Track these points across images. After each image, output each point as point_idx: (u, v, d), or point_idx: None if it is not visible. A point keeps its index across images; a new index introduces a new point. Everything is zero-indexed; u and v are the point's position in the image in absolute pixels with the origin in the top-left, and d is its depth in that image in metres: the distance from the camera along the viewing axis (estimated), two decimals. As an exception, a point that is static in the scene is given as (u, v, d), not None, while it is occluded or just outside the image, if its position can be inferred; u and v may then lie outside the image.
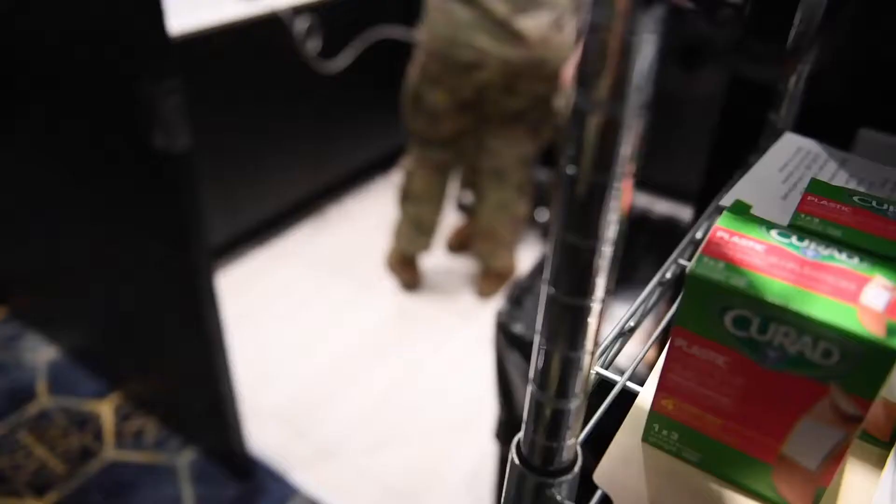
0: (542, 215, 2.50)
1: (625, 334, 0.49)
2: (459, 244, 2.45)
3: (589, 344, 0.33)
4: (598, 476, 0.38)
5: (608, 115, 0.27)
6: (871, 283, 0.33)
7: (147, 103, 1.19)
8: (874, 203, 0.41)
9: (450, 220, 2.56)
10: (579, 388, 0.34)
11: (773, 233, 0.36)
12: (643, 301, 0.52)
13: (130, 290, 1.63)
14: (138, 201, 1.40)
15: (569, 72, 2.07)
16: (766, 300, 0.32)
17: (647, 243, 1.57)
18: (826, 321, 0.31)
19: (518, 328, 1.15)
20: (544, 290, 0.32)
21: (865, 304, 0.32)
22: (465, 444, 1.78)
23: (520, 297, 1.24)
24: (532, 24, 1.85)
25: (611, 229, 0.29)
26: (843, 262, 0.34)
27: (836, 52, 0.75)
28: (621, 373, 0.46)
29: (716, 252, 0.35)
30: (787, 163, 0.56)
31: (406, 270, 2.28)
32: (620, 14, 0.25)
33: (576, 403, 0.35)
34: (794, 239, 0.36)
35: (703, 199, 0.83)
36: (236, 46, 2.07)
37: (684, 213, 1.58)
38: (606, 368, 0.47)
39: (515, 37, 1.83)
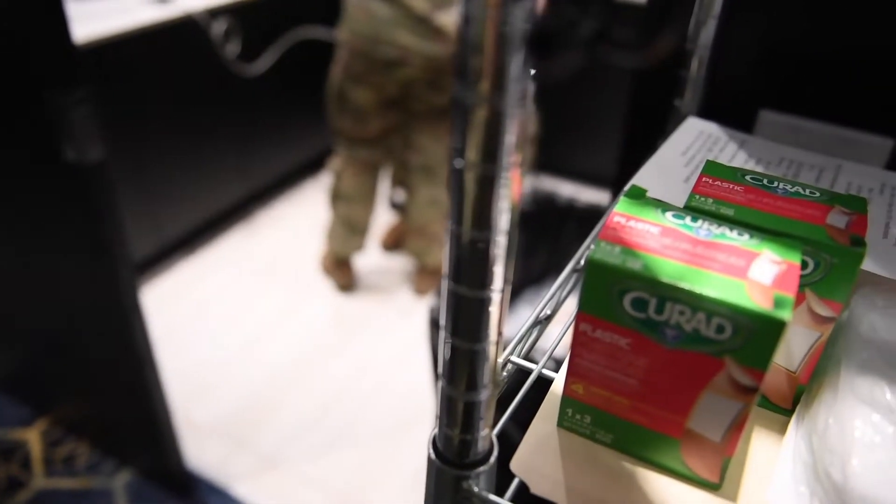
0: (475, 209, 2.52)
1: (541, 322, 0.50)
2: (393, 243, 2.45)
3: (493, 334, 0.33)
4: (515, 464, 0.39)
5: (490, 107, 0.27)
6: (759, 258, 0.34)
7: (55, 114, 1.14)
8: (765, 181, 0.42)
9: (382, 219, 2.55)
10: (487, 379, 0.34)
11: (668, 215, 0.37)
12: (558, 289, 0.53)
13: (52, 310, 1.56)
14: (54, 217, 1.34)
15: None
16: (660, 281, 0.33)
17: (575, 231, 1.59)
18: (716, 298, 0.32)
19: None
20: (444, 284, 0.32)
21: (754, 278, 0.33)
22: (410, 443, 1.78)
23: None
24: (453, 19, 1.85)
25: (503, 219, 0.29)
26: (734, 239, 0.36)
27: (736, 38, 0.77)
28: (555, 362, 0.47)
29: (613, 237, 0.35)
30: (690, 146, 0.57)
31: (341, 272, 2.26)
32: (493, 5, 0.25)
33: (486, 395, 0.35)
34: (688, 220, 0.37)
35: (619, 185, 0.85)
36: (152, 52, 2.00)
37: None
38: (525, 357, 0.48)
39: (437, 32, 1.83)
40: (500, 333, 0.33)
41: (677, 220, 0.37)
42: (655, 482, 0.38)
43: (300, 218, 2.67)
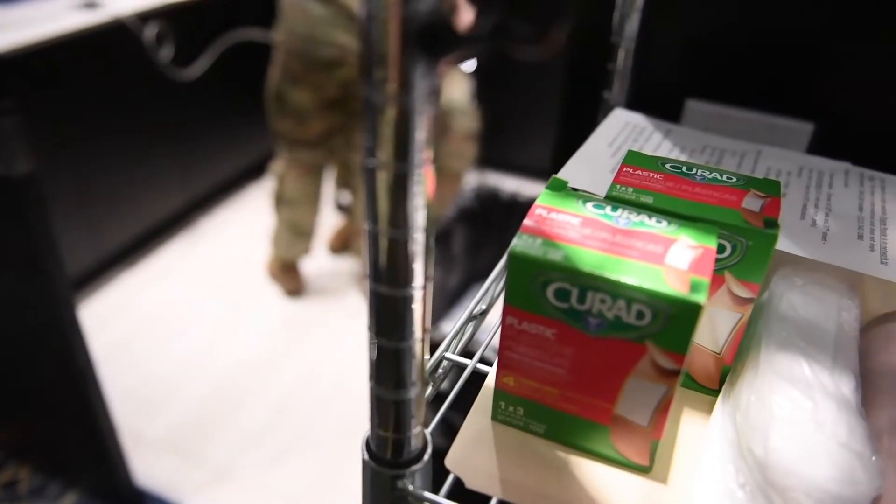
0: (422, 208, 2.52)
1: (475, 318, 0.50)
2: (341, 244, 2.43)
3: (418, 332, 0.33)
4: (450, 460, 0.39)
5: (399, 106, 0.27)
6: (676, 244, 0.35)
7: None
8: (684, 169, 0.43)
9: (328, 221, 2.53)
10: (416, 376, 0.34)
11: (589, 205, 0.38)
12: (492, 283, 0.53)
13: (-16, 330, 1.50)
14: (-19, 233, 1.29)
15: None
16: (580, 271, 0.33)
17: (518, 225, 1.60)
18: (635, 285, 0.33)
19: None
20: (366, 284, 0.32)
21: (671, 264, 0.34)
22: (364, 445, 1.77)
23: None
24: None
25: (419, 216, 0.29)
26: (653, 226, 0.36)
27: (660, 30, 0.79)
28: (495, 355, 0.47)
29: (534, 229, 0.36)
30: (616, 138, 0.58)
31: (288, 277, 2.23)
32: (395, 2, 0.25)
33: (415, 393, 0.35)
34: (608, 209, 0.37)
35: (555, 178, 0.86)
36: (82, 59, 1.94)
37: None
38: (463, 352, 0.48)
39: (374, 32, 1.82)
40: (425, 330, 0.33)
41: (598, 211, 0.37)
42: (588, 469, 0.39)
43: (244, 224, 2.63)
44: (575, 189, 0.49)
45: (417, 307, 0.32)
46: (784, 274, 0.46)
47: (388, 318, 0.32)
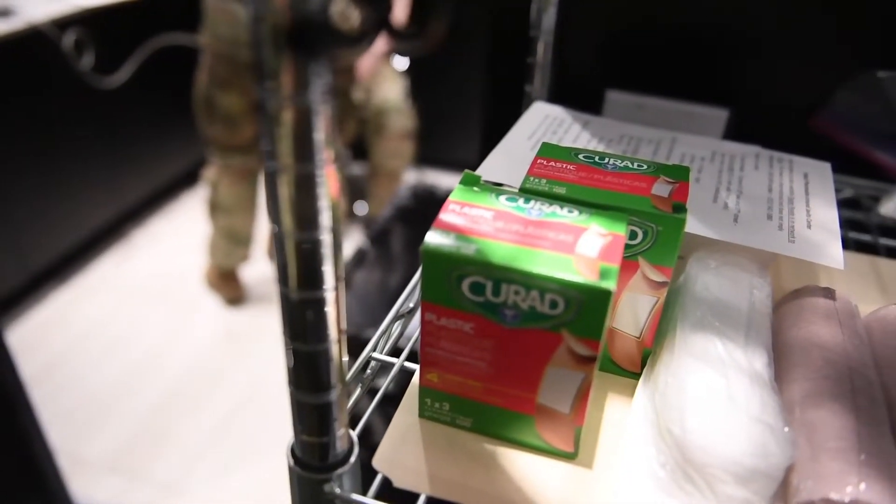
0: (361, 209, 2.50)
1: (403, 316, 0.50)
2: (281, 250, 2.39)
3: (333, 333, 0.33)
4: (378, 460, 0.39)
5: (295, 105, 0.27)
6: (586, 232, 0.36)
7: None
8: (596, 158, 0.44)
9: (266, 226, 2.49)
10: (335, 379, 0.34)
11: (502, 199, 0.38)
12: (419, 281, 0.53)
13: None
14: None
15: (365, 63, 2.07)
16: (492, 264, 0.34)
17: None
18: (546, 275, 0.33)
19: (338, 325, 1.14)
20: (277, 289, 0.31)
21: (581, 252, 0.34)
22: (313, 451, 1.75)
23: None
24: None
25: (325, 217, 0.29)
26: (564, 217, 0.37)
27: (578, 22, 0.80)
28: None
29: (447, 224, 0.36)
30: (535, 131, 0.59)
31: (228, 285, 2.19)
32: (282, 2, 0.25)
33: (335, 395, 0.35)
34: (520, 202, 0.38)
35: (484, 173, 0.86)
36: (-6, 70, 1.86)
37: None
38: (392, 352, 0.48)
39: (302, 33, 1.80)
40: (341, 332, 0.33)
41: (510, 203, 0.38)
42: (515, 459, 0.39)
43: (179, 233, 2.56)
44: (496, 183, 0.50)
45: (331, 309, 0.32)
46: (699, 257, 0.47)
47: (302, 322, 0.32)
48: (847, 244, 0.66)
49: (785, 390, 0.42)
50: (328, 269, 0.30)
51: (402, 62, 2.39)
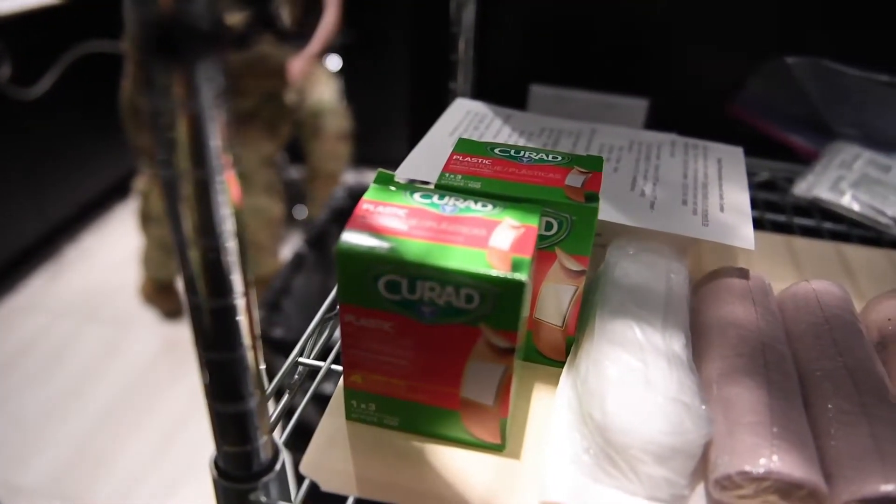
0: (301, 213, 2.47)
1: (329, 319, 0.50)
2: (220, 258, 2.34)
3: (247, 341, 0.32)
4: (305, 465, 0.38)
5: (187, 111, 0.26)
6: (500, 226, 0.36)
7: None
8: (512, 152, 0.44)
9: (205, 235, 2.43)
10: (253, 386, 0.33)
11: (417, 196, 0.38)
12: (345, 282, 0.53)
13: None
14: None
15: (296, 65, 2.05)
16: (406, 261, 0.34)
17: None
18: (459, 269, 0.33)
19: (278, 333, 1.13)
20: (186, 299, 0.31)
21: (494, 246, 0.35)
22: (262, 461, 1.72)
23: (276, 301, 1.21)
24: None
25: (228, 224, 0.29)
26: (478, 211, 0.37)
27: (499, 18, 0.81)
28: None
29: (361, 224, 0.36)
30: (457, 127, 0.59)
31: (164, 298, 2.13)
32: (166, 4, 0.24)
33: (254, 403, 0.34)
34: (435, 198, 0.38)
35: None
36: None
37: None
38: (318, 355, 0.48)
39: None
40: (255, 338, 0.32)
41: (424, 200, 0.38)
42: (444, 455, 0.39)
43: (112, 247, 2.49)
44: (419, 181, 0.50)
45: (242, 316, 0.31)
46: (618, 244, 0.48)
47: (213, 331, 0.31)
48: (763, 225, 0.68)
49: (703, 369, 0.43)
50: (236, 276, 0.30)
51: (334, 63, 2.37)
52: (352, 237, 0.35)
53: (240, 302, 0.31)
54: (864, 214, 0.65)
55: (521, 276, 0.33)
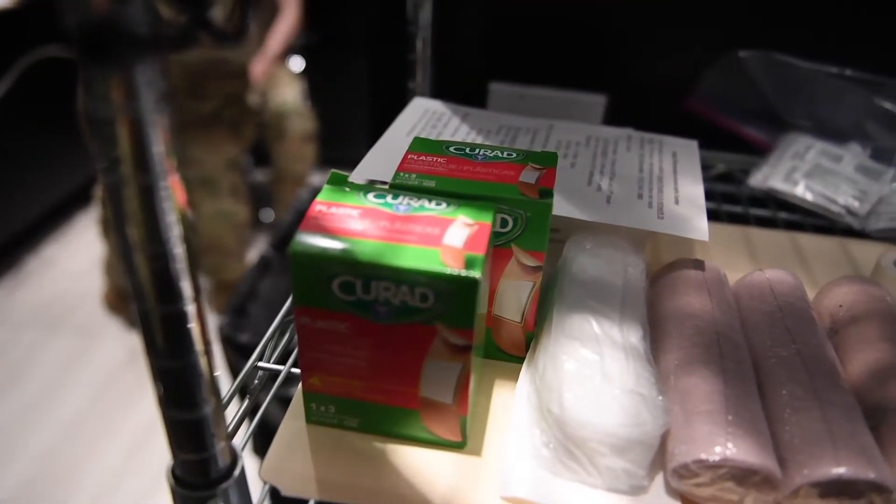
0: (267, 216, 2.45)
1: (289, 322, 0.49)
2: (186, 264, 2.31)
3: (199, 346, 0.32)
4: (265, 470, 0.38)
5: (128, 116, 0.26)
6: (454, 224, 0.36)
7: None
8: (467, 150, 0.45)
9: (170, 241, 2.40)
10: (207, 392, 0.33)
11: (370, 196, 0.38)
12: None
13: None
14: None
15: (258, 67, 2.03)
16: (360, 262, 0.34)
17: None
18: (413, 268, 0.33)
19: (245, 338, 1.11)
20: (136, 307, 0.30)
21: (447, 244, 0.35)
22: (234, 467, 1.70)
23: (242, 306, 1.20)
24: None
25: (174, 231, 0.28)
26: (432, 210, 0.37)
27: (458, 16, 0.81)
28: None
29: (314, 226, 0.35)
30: (415, 126, 0.59)
31: (129, 306, 2.10)
32: (100, 4, 0.24)
33: (209, 409, 0.34)
34: (388, 198, 0.38)
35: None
36: None
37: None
38: (278, 359, 0.47)
39: (188, 39, 1.74)
40: (207, 344, 0.32)
41: (378, 200, 0.38)
42: (405, 454, 0.39)
43: (74, 256, 2.44)
44: (374, 181, 0.50)
45: (192, 322, 0.31)
46: (575, 239, 0.49)
47: (163, 339, 0.31)
48: (720, 216, 0.69)
49: (661, 360, 0.44)
50: (185, 282, 0.30)
51: (297, 64, 2.36)
52: (305, 239, 0.34)
53: (190, 308, 0.30)
54: (816, 203, 0.67)
55: (475, 274, 0.33)
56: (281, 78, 2.17)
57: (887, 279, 0.56)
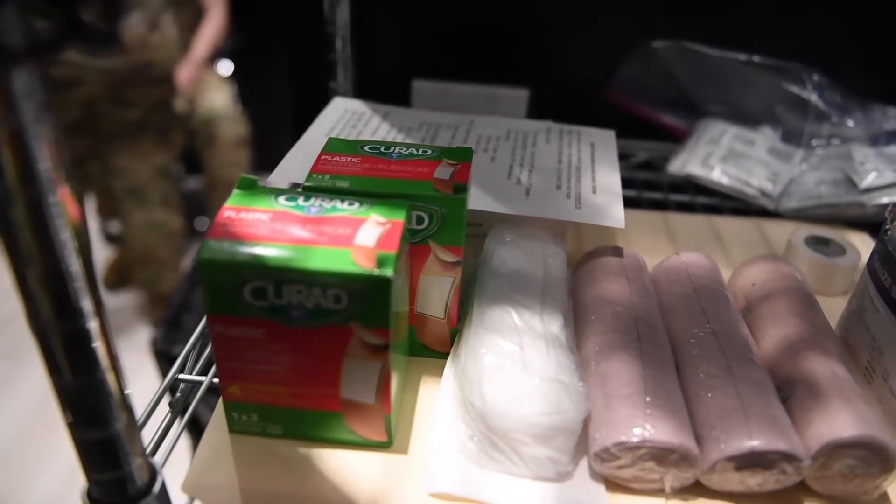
0: (202, 224, 2.40)
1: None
2: (118, 278, 2.24)
3: (104, 363, 0.31)
4: (186, 484, 0.37)
5: (8, 128, 0.25)
6: (365, 223, 0.36)
7: None
8: (382, 149, 0.44)
9: (99, 255, 2.32)
10: (117, 409, 0.32)
11: (281, 199, 0.37)
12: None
13: None
14: None
15: (184, 72, 1.98)
16: (269, 266, 0.33)
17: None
18: (324, 270, 0.33)
19: (179, 350, 1.09)
20: (31, 326, 0.29)
21: (359, 243, 0.34)
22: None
23: (176, 318, 1.17)
24: (126, 25, 1.72)
25: (69, 246, 0.27)
26: (345, 210, 0.37)
27: (378, 15, 0.81)
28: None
29: (222, 233, 0.35)
30: (334, 126, 0.59)
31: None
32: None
33: (121, 426, 0.33)
34: (300, 200, 0.37)
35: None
36: None
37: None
38: (201, 370, 0.46)
39: (108, 45, 1.69)
40: (113, 359, 0.31)
41: (289, 203, 0.37)
42: (331, 458, 0.39)
43: (2, 277, 2.33)
44: (298, 184, 0.49)
45: (94, 338, 0.30)
46: (496, 232, 0.49)
47: (67, 357, 0.30)
48: (642, 203, 0.71)
49: (583, 347, 0.45)
50: (84, 299, 0.29)
51: (226, 68, 2.31)
52: (213, 246, 0.34)
53: (92, 324, 0.29)
54: (732, 187, 0.69)
55: (387, 272, 0.33)
56: (209, 82, 2.12)
57: (798, 256, 0.58)
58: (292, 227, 0.35)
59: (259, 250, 0.34)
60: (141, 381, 1.97)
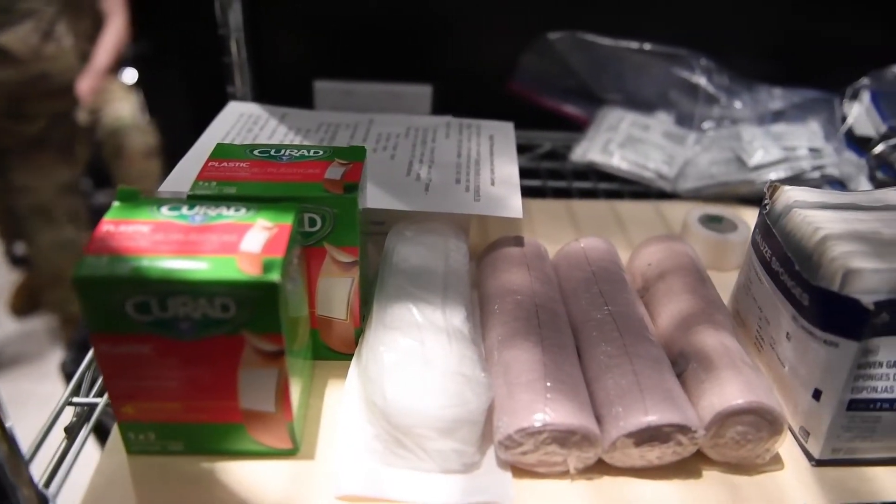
0: (116, 239, 2.30)
1: (107, 350, 0.47)
2: (27, 303, 2.14)
3: (-26, 393, 0.29)
4: (81, 513, 0.36)
5: None
6: (252, 229, 0.35)
7: None
8: (272, 152, 0.44)
9: (4, 279, 2.21)
10: (-6, 439, 0.31)
11: (164, 209, 0.36)
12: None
13: None
14: None
15: (86, 83, 1.90)
16: (150, 279, 0.32)
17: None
18: (208, 279, 0.32)
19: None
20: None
21: (244, 250, 0.34)
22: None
23: (86, 339, 1.12)
24: (15, 37, 1.63)
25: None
26: (230, 217, 0.36)
27: (275, 16, 0.79)
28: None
29: (100, 248, 0.33)
30: (230, 131, 0.57)
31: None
32: None
33: (1, 457, 0.31)
34: (184, 209, 0.36)
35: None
36: None
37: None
38: (98, 392, 0.45)
39: (1, 56, 1.61)
40: (-16, 389, 0.30)
41: (173, 213, 0.36)
42: (236, 470, 0.38)
43: None
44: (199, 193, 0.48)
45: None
46: (396, 230, 0.49)
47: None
48: (546, 192, 0.73)
49: (486, 337, 0.45)
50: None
51: (130, 76, 2.23)
52: (91, 262, 0.32)
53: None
54: (631, 171, 0.71)
55: (273, 277, 0.32)
56: (113, 92, 2.04)
57: (693, 234, 0.60)
58: (174, 237, 0.34)
59: (139, 263, 0.32)
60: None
